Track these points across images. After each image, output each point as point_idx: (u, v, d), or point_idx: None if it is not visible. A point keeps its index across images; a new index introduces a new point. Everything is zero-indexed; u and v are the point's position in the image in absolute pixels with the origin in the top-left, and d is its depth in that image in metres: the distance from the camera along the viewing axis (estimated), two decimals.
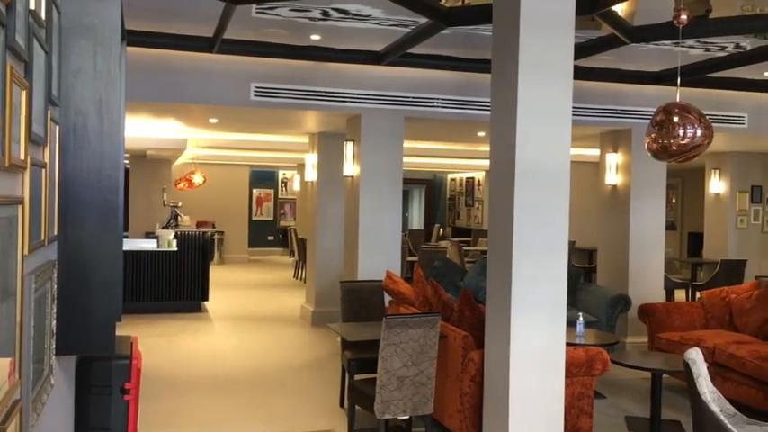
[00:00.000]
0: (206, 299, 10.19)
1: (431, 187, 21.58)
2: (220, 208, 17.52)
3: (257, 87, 6.99)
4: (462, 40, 6.49)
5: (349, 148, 7.69)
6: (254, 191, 19.47)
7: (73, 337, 2.70)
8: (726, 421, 3.75)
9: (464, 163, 16.49)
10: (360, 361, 5.20)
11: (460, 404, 4.63)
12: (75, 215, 2.71)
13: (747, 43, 6.50)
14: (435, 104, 7.51)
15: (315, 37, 6.53)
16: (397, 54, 6.81)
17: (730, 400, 5.27)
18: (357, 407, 4.75)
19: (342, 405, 5.67)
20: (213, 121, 8.79)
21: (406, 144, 10.89)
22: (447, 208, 21.12)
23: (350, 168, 7.67)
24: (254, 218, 19.37)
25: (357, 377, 5.05)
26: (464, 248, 12.62)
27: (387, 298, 6.43)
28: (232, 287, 12.85)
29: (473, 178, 18.97)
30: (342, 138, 8.09)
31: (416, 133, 9.59)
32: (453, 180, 20.63)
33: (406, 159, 14.50)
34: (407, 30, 6.22)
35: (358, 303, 6.03)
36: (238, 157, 15.47)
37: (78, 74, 2.69)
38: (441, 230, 18.14)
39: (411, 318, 4.36)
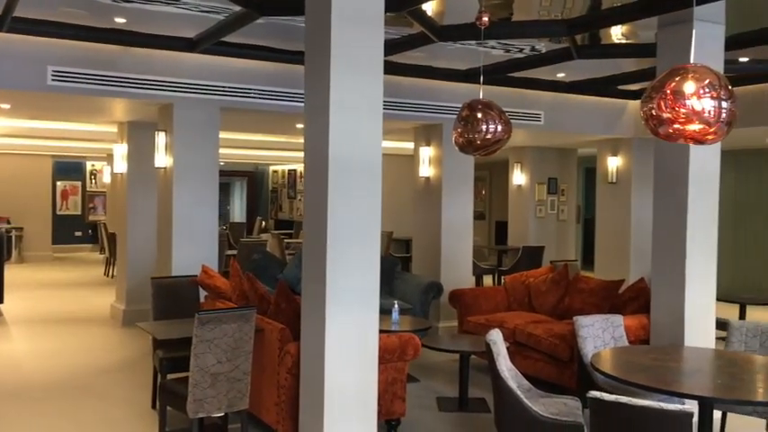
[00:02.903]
0: (0, 301, 9.29)
1: (252, 179, 21.27)
2: (17, 202, 16.00)
3: (55, 71, 6.45)
4: (279, 31, 6.43)
5: (161, 138, 7.34)
6: (59, 183, 18.04)
7: None
8: (522, 396, 4.05)
9: (286, 155, 16.43)
10: (172, 360, 5.00)
11: (277, 397, 4.61)
12: None
13: (543, 46, 7.06)
14: (253, 95, 7.38)
15: (120, 20, 6.15)
16: (211, 42, 6.60)
17: (529, 376, 5.73)
18: (169, 408, 4.56)
19: (154, 407, 5.43)
20: (5, 106, 8.00)
21: (225, 135, 10.61)
22: (269, 200, 20.94)
23: (162, 159, 7.34)
24: (58, 212, 17.95)
25: (170, 377, 4.86)
26: (286, 241, 12.58)
27: (203, 293, 6.24)
28: (33, 288, 11.83)
29: (295, 170, 18.95)
30: (154, 127, 7.71)
31: (235, 124, 9.38)
32: (275, 172, 20.48)
33: (225, 151, 14.24)
34: (221, 17, 6.05)
35: (171, 300, 5.79)
36: (38, 146, 14.21)
37: None
38: (263, 223, 17.95)
39: (225, 313, 4.26)
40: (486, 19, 5.22)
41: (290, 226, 17.56)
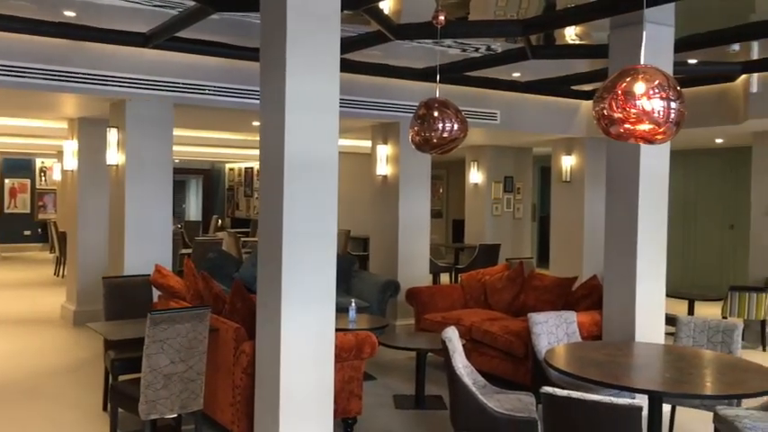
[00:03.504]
0: None
1: (209, 177, 21.00)
2: None
3: (2, 65, 6.25)
4: (234, 27, 6.36)
5: (113, 134, 7.19)
6: (7, 181, 17.54)
7: None
8: (477, 392, 4.09)
9: (242, 152, 16.26)
10: (124, 361, 4.91)
11: (233, 397, 4.55)
12: None
13: (498, 46, 7.13)
14: (208, 92, 7.27)
15: (69, 13, 6.00)
16: (164, 37, 6.48)
17: (486, 373, 5.79)
18: (121, 410, 4.47)
19: (105, 409, 5.32)
20: None
21: (180, 132, 10.47)
22: (226, 198, 20.70)
23: (114, 157, 7.18)
24: (6, 210, 17.46)
25: (122, 378, 4.77)
26: (243, 239, 12.45)
27: (156, 293, 6.14)
28: None
29: (252, 168, 18.77)
30: (106, 123, 7.55)
31: (189, 121, 9.25)
32: (232, 170, 20.26)
33: (181, 148, 14.06)
34: (175, 12, 5.95)
35: (123, 300, 5.67)
36: None
37: None
38: (219, 221, 17.74)
39: (178, 312, 4.19)
40: (442, 18, 5.24)
41: (247, 224, 17.40)
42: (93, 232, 8.70)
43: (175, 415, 4.33)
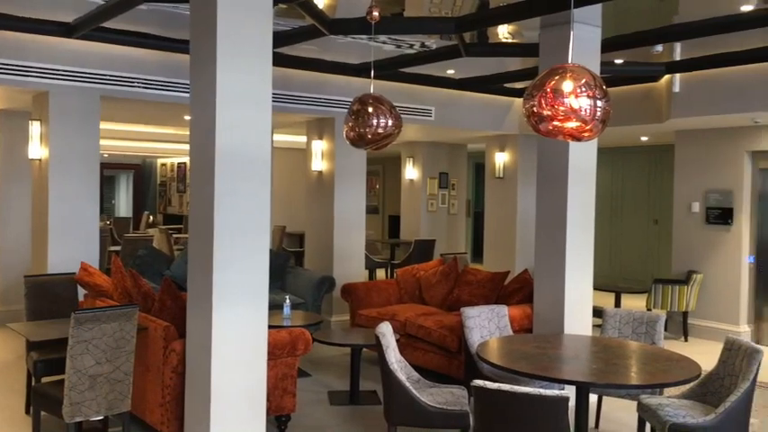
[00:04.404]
0: None
1: (140, 172, 20.45)
2: None
3: None
4: (165, 18, 6.21)
5: (35, 127, 6.90)
6: None
7: None
8: (410, 387, 4.11)
9: (175, 147, 15.86)
10: (48, 362, 4.73)
11: (162, 397, 4.45)
12: None
13: (433, 42, 7.18)
14: (136, 84, 7.07)
15: None
16: (90, 27, 6.26)
17: (420, 367, 5.84)
18: (44, 413, 4.31)
19: (28, 412, 5.11)
20: None
21: (108, 126, 10.18)
22: (158, 194, 20.20)
23: (37, 150, 6.90)
24: None
25: (45, 380, 4.60)
26: (175, 236, 12.18)
27: (82, 292, 5.94)
28: None
29: (184, 163, 18.36)
30: (28, 116, 7.25)
31: (118, 114, 8.97)
32: (164, 165, 19.78)
33: (110, 143, 13.65)
34: (101, 1, 5.76)
35: (46, 300, 5.48)
36: None
37: None
38: (150, 218, 17.32)
39: (104, 311, 4.07)
40: (376, 14, 5.24)
41: (180, 221, 17.02)
42: (15, 229, 8.37)
43: (102, 417, 4.21)
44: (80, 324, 3.94)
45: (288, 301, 6.30)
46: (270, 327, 4.43)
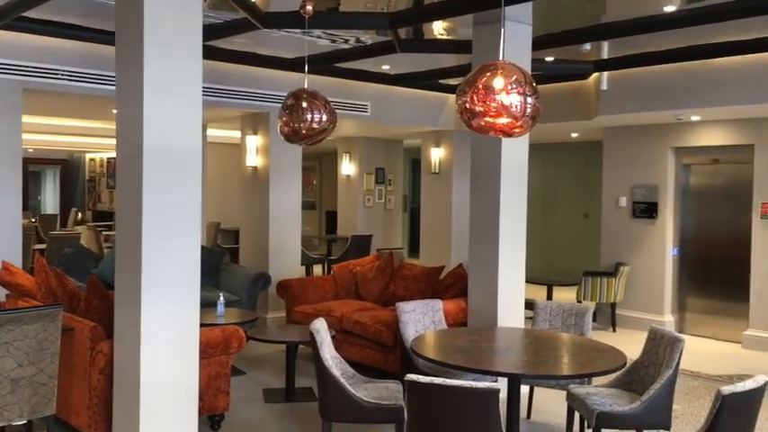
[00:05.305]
0: None
1: (67, 168, 19.77)
2: None
3: None
4: (90, 9, 5.99)
5: None
6: None
7: None
8: (345, 383, 4.11)
9: (104, 142, 15.39)
10: None
11: (89, 400, 4.32)
12: None
13: (368, 38, 7.16)
14: (61, 77, 6.82)
15: None
16: (10, 17, 5.99)
17: (357, 363, 5.84)
18: None
19: None
20: None
21: (33, 119, 9.78)
22: (86, 190, 19.56)
23: None
24: None
25: None
26: (105, 233, 11.82)
27: (4, 292, 5.70)
28: None
29: (114, 158, 17.85)
30: None
31: (43, 108, 8.64)
32: (93, 160, 19.17)
33: (33, 137, 13.13)
34: None
35: None
36: None
37: None
38: (78, 214, 16.76)
39: (26, 312, 3.91)
40: (309, 8, 5.20)
41: (110, 218, 16.51)
42: None
43: (25, 421, 4.05)
44: (0, 325, 3.77)
45: (221, 298, 6.20)
46: (202, 325, 4.35)
